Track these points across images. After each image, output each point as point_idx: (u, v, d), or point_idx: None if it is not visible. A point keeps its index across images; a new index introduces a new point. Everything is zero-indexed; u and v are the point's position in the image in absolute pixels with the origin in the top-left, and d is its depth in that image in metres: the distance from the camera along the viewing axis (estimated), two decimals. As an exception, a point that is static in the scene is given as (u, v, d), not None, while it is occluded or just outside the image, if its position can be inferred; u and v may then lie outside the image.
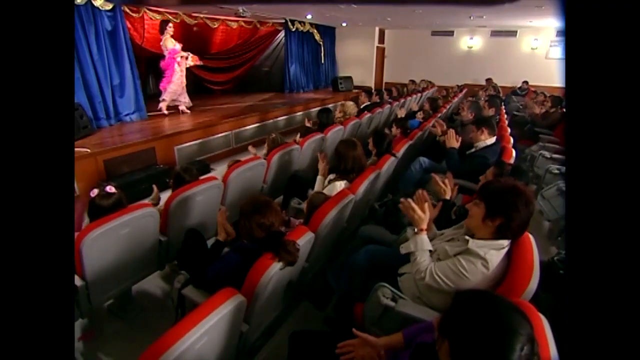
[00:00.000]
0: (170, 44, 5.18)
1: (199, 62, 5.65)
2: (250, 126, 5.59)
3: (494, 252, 1.29)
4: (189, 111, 5.58)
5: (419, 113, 4.42)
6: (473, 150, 2.73)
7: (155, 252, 2.12)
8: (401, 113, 4.39)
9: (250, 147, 3.25)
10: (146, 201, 2.41)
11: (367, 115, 4.56)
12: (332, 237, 2.10)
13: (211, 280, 1.55)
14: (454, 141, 2.77)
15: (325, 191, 2.26)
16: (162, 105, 5.38)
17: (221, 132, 5.04)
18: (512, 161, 2.54)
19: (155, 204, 2.26)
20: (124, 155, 3.86)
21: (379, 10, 7.09)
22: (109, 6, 4.59)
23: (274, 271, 1.37)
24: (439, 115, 4.81)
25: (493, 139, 2.64)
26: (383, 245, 1.93)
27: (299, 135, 3.43)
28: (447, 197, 1.89)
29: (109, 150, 3.71)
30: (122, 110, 4.95)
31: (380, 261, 1.67)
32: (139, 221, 1.86)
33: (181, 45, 5.31)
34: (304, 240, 1.60)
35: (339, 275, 1.79)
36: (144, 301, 2.26)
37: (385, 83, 11.24)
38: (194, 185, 2.10)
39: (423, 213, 1.49)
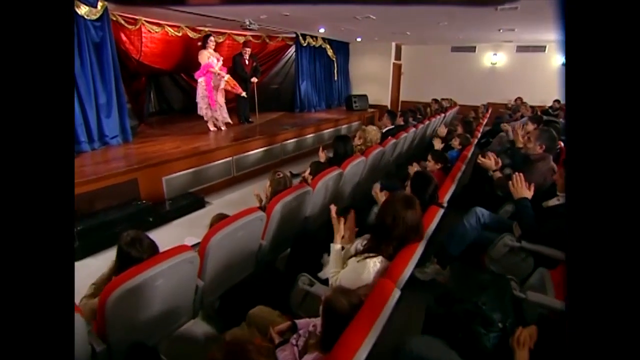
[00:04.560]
0: (204, 59, 5.01)
1: (234, 90, 5.32)
2: (255, 151, 4.89)
3: None
4: (224, 127, 5.42)
5: (454, 140, 3.66)
6: (556, 202, 1.92)
7: (88, 366, 1.38)
8: (438, 144, 3.62)
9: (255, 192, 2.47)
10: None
11: (392, 141, 3.81)
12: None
13: None
14: (525, 190, 1.96)
15: (348, 272, 1.50)
16: (208, 125, 5.36)
17: (220, 159, 4.35)
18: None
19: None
20: (97, 190, 3.17)
21: (398, 24, 6.46)
22: (96, 15, 4.03)
23: None
24: (476, 141, 4.06)
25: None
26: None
27: (307, 171, 2.68)
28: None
29: (78, 184, 3.02)
30: (108, 132, 4.31)
31: None
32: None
33: (218, 60, 5.17)
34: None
35: None
36: None
37: (402, 102, 10.57)
38: (148, 265, 1.36)
39: None
